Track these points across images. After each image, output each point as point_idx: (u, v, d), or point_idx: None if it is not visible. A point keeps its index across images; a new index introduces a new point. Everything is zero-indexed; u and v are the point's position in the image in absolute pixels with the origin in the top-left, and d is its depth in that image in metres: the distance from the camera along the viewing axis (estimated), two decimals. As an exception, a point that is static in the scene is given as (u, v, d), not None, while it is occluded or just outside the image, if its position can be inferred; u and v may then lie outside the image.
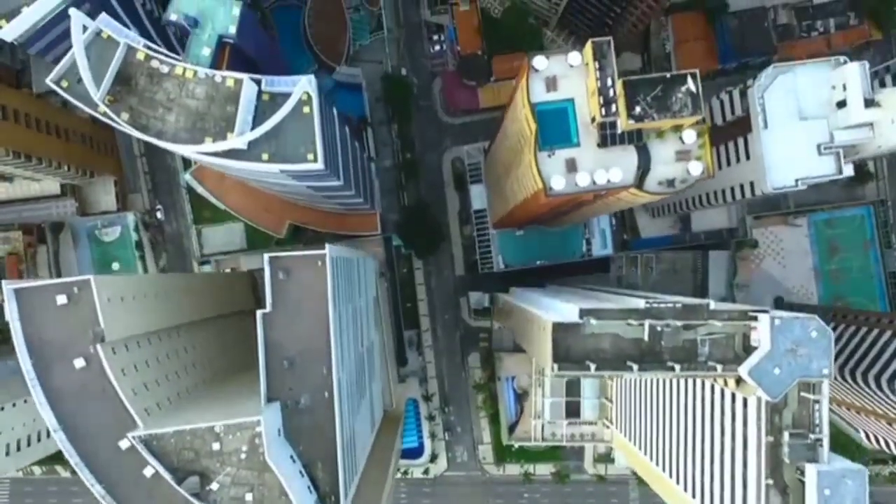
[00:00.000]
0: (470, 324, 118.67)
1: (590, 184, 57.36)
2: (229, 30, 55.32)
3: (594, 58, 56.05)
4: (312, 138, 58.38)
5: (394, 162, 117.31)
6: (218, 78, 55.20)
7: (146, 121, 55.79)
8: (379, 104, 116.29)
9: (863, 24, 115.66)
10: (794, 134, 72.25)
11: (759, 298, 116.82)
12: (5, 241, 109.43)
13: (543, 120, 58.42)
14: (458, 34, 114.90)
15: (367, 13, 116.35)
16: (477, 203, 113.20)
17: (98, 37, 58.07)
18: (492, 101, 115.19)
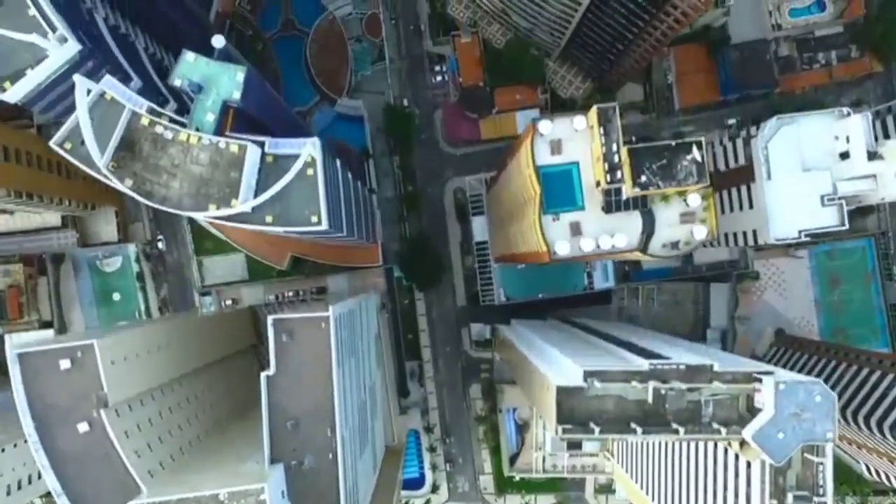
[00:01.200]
0: (471, 355, 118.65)
1: (594, 249, 57.31)
2: (234, 95, 55.12)
3: (599, 123, 55.98)
4: (316, 200, 58.25)
5: (395, 193, 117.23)
6: (222, 144, 55.05)
7: (150, 187, 55.64)
8: (380, 135, 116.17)
9: (864, 56, 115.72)
10: (798, 185, 72.23)
11: (761, 330, 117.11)
12: (6, 274, 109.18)
13: (548, 182, 58.38)
14: (460, 66, 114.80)
15: (369, 44, 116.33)
16: (478, 235, 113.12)
17: (102, 98, 57.89)
18: (493, 132, 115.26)
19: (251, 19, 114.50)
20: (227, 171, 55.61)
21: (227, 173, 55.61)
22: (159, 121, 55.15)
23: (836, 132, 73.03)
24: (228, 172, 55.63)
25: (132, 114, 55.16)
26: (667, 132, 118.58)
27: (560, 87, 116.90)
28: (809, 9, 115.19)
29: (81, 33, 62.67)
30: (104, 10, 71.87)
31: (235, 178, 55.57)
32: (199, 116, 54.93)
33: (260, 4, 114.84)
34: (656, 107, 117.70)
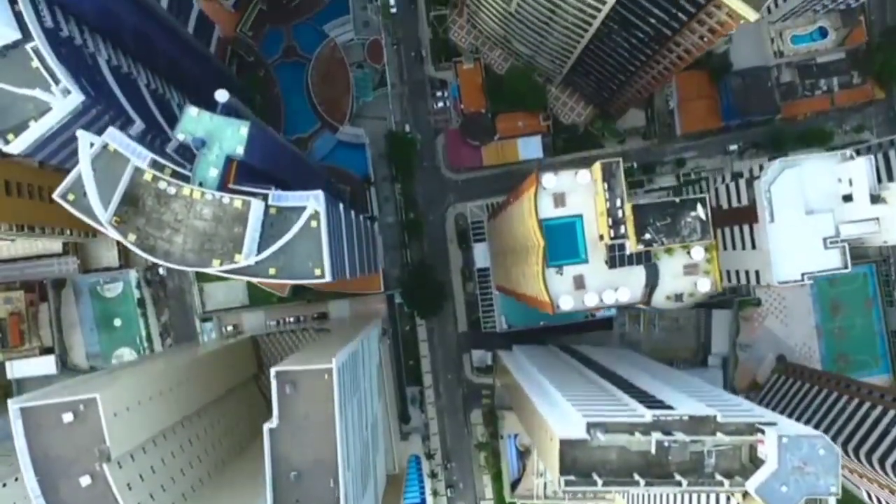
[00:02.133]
0: (472, 381, 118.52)
1: (598, 304, 57.25)
2: (237, 151, 55.01)
3: (603, 178, 55.91)
4: (320, 252, 58.18)
5: (396, 218, 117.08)
6: (226, 200, 54.97)
7: (153, 242, 55.56)
8: (382, 160, 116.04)
9: (866, 83, 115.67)
10: (800, 228, 72.17)
11: (762, 356, 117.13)
12: (7, 301, 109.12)
13: (551, 235, 58.32)
14: (462, 92, 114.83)
15: (371, 70, 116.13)
16: (480, 262, 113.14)
17: (105, 150, 57.89)
18: (495, 159, 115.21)
19: (253, 45, 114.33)
20: (231, 226, 55.51)
21: (230, 228, 55.52)
22: (162, 176, 55.02)
23: (840, 174, 73.04)
24: (232, 227, 55.53)
25: (135, 169, 54.93)
26: (668, 157, 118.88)
27: (562, 112, 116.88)
28: (811, 36, 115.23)
29: (84, 81, 62.55)
30: (106, 51, 71.76)
31: (239, 233, 55.47)
32: (202, 171, 54.83)
33: (261, 30, 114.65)
34: (658, 132, 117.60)
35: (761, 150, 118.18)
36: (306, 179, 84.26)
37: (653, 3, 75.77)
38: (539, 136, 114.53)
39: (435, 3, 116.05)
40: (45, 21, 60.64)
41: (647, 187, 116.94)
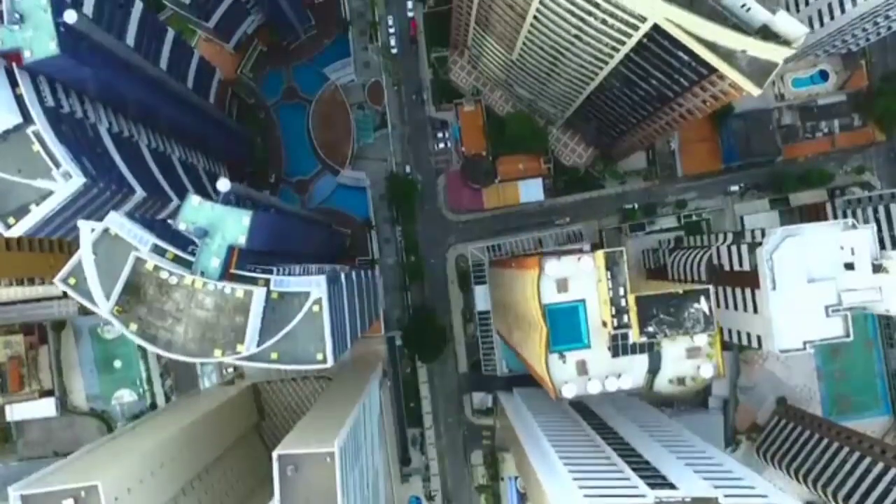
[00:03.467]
0: (473, 422, 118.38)
1: (601, 391, 57.22)
2: (239, 240, 54.86)
3: (606, 266, 55.81)
4: (322, 337, 58.11)
5: (397, 260, 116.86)
6: (227, 290, 54.83)
7: (155, 331, 55.44)
8: (383, 202, 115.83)
9: (866, 125, 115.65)
10: (802, 296, 71.84)
11: (763, 398, 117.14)
12: (7, 346, 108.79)
13: (554, 319, 58.25)
14: (463, 134, 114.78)
15: (372, 112, 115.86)
16: (481, 304, 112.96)
17: (106, 234, 57.75)
18: (496, 202, 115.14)
19: (253, 87, 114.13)
20: (233, 315, 55.37)
21: (232, 318, 55.38)
22: (163, 266, 54.80)
23: (842, 242, 72.79)
24: (234, 317, 55.39)
25: (136, 259, 54.76)
26: (669, 198, 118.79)
27: (563, 154, 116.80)
28: (812, 79, 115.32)
29: (85, 159, 62.39)
30: (107, 119, 71.53)
31: (241, 323, 55.35)
32: (204, 261, 54.66)
33: (262, 72, 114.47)
34: (659, 174, 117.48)
35: (762, 190, 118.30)
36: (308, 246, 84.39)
37: (654, 67, 75.65)
38: (540, 178, 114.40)
39: (436, 44, 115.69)
40: (45, 101, 60.44)
41: (648, 229, 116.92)
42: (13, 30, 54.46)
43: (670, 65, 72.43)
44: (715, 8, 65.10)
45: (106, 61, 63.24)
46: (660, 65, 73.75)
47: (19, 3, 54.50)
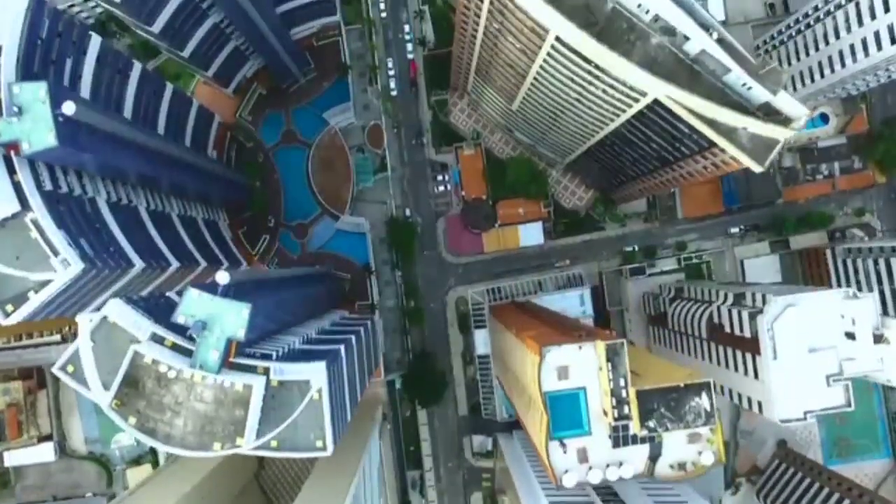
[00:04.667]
0: (473, 464, 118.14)
1: (602, 479, 57.03)
2: (238, 334, 54.50)
3: (606, 357, 55.60)
4: (321, 425, 57.85)
5: (397, 303, 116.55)
6: (227, 384, 54.56)
7: (153, 424, 55.16)
8: (383, 245, 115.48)
9: (867, 168, 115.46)
10: (803, 366, 71.89)
11: (763, 440, 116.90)
12: (5, 393, 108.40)
13: (555, 406, 58.01)
14: (463, 178, 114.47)
15: (371, 155, 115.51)
16: (480, 348, 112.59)
17: (104, 321, 57.50)
18: (496, 246, 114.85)
19: (252, 130, 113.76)
20: (232, 409, 55.10)
21: (231, 411, 55.10)
22: (162, 359, 54.53)
23: (843, 311, 72.80)
24: (233, 410, 55.11)
25: (135, 353, 54.50)
26: (670, 239, 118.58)
27: (563, 196, 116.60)
28: (813, 122, 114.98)
29: (83, 240, 62.08)
30: (105, 189, 71.17)
31: (241, 416, 55.06)
32: (202, 355, 54.30)
33: (261, 115, 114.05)
34: (659, 216, 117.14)
35: (762, 232, 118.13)
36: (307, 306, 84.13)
37: (655, 133, 75.37)
38: (540, 222, 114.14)
39: (436, 87, 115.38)
40: (43, 185, 60.15)
41: (648, 271, 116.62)
42: (11, 122, 54.11)
43: (671, 134, 72.19)
44: (716, 84, 64.87)
45: (104, 143, 62.91)
46: (661, 132, 73.50)
47: (18, 95, 54.21)
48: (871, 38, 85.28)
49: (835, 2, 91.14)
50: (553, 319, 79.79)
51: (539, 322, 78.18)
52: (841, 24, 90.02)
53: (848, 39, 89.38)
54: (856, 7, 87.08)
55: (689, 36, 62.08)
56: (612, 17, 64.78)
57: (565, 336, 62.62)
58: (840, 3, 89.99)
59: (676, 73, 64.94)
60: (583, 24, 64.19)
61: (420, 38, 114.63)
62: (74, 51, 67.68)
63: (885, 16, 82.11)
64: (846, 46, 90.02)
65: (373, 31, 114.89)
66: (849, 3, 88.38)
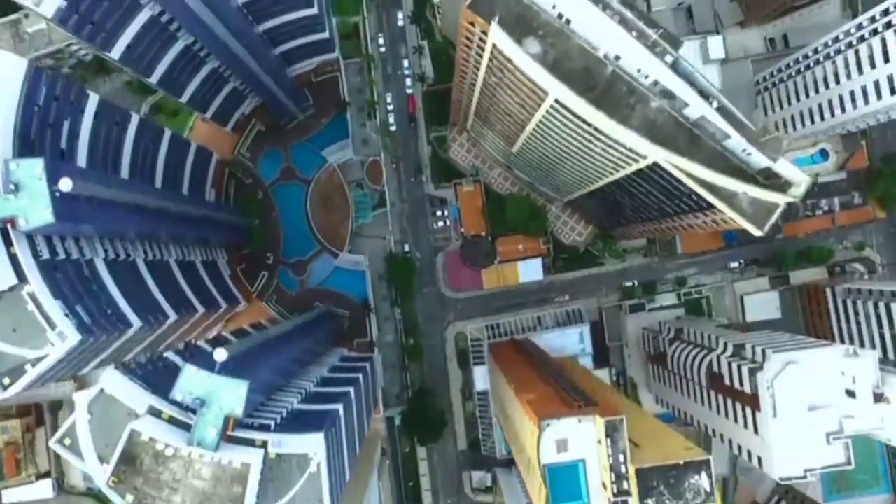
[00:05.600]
0: (472, 499, 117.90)
1: (601, 553, 56.89)
2: (236, 411, 54.36)
3: (606, 433, 55.39)
4: (320, 497, 57.70)
5: (396, 338, 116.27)
6: (224, 461, 54.37)
7: (151, 502, 54.90)
8: (382, 281, 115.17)
9: (866, 203, 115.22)
10: (803, 424, 71.61)
11: (762, 477, 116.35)
12: (3, 431, 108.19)
13: (554, 477, 57.79)
14: (462, 214, 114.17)
15: (370, 191, 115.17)
16: (479, 384, 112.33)
17: (102, 393, 57.37)
18: (495, 282, 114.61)
19: (251, 167, 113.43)
20: (230, 485, 54.90)
21: (229, 488, 54.90)
22: (159, 438, 54.34)
23: (843, 368, 72.53)
24: (231, 487, 54.91)
25: (132, 431, 54.29)
26: (670, 274, 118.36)
27: (562, 232, 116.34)
28: (813, 158, 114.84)
29: (80, 307, 61.71)
30: (103, 249, 70.73)
31: (238, 493, 54.87)
32: (200, 432, 54.13)
33: (260, 152, 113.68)
34: (659, 252, 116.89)
35: (762, 267, 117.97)
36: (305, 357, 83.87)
37: (656, 189, 75.10)
38: (539, 258, 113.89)
39: (435, 123, 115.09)
40: (41, 255, 59.78)
41: (649, 307, 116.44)
42: (8, 199, 53.74)
43: (672, 192, 71.96)
44: (716, 148, 64.64)
45: (103, 210, 62.67)
46: (662, 189, 73.25)
47: (14, 172, 53.84)
48: (870, 87, 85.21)
49: (834, 47, 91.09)
50: (550, 371, 79.43)
51: (537, 376, 77.89)
52: (841, 70, 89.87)
53: (847, 86, 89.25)
54: (855, 55, 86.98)
55: (689, 103, 61.83)
56: (611, 81, 64.51)
57: (565, 404, 62.33)
58: (839, 49, 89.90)
59: (676, 137, 64.76)
60: (582, 87, 64.01)
61: (419, 74, 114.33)
62: (72, 111, 67.46)
63: (885, 66, 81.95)
64: (846, 92, 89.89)
65: (372, 66, 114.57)
66: (848, 49, 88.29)
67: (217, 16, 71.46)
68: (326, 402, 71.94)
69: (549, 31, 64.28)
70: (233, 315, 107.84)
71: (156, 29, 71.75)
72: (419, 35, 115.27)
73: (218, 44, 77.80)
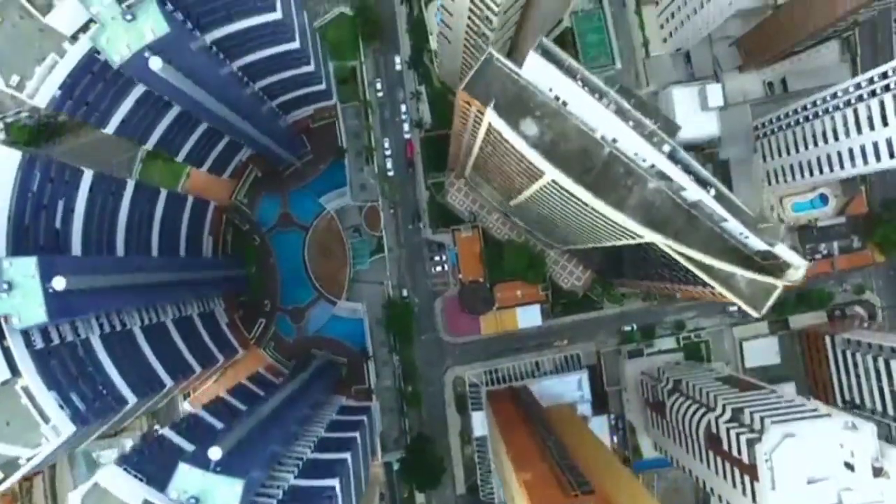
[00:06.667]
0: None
1: None
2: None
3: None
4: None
5: (394, 382, 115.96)
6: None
7: None
8: (380, 326, 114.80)
9: (866, 247, 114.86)
10: (802, 497, 71.31)
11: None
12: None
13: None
14: (460, 261, 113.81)
15: (368, 237, 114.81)
16: (478, 430, 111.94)
17: (96, 487, 57.07)
18: (494, 328, 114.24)
19: (248, 213, 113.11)
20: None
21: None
22: (155, 538, 54.09)
23: (842, 441, 72.16)
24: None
25: (128, 531, 54.08)
26: (668, 317, 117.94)
27: (561, 277, 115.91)
28: (812, 203, 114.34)
29: (75, 394, 61.51)
30: (98, 324, 70.39)
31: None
32: (195, 538, 53.77)
33: (257, 198, 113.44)
34: (657, 295, 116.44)
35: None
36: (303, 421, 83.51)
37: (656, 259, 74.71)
38: (538, 304, 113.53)
39: (433, 169, 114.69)
40: (34, 344, 59.48)
41: (647, 351, 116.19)
42: (1, 297, 53.56)
43: (670, 266, 71.64)
44: (714, 230, 64.30)
45: (97, 298, 62.36)
46: (661, 262, 72.92)
47: (8, 271, 53.56)
48: (869, 148, 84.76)
49: (832, 103, 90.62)
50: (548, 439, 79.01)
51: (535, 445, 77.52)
52: (840, 128, 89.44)
53: (846, 143, 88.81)
54: (854, 113, 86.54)
55: (687, 189, 61.50)
56: (609, 161, 64.15)
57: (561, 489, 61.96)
58: (838, 105, 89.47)
59: (674, 217, 64.45)
60: (579, 168, 63.73)
61: (417, 120, 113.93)
62: (67, 189, 67.24)
63: (884, 129, 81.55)
64: (845, 150, 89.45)
65: (369, 111, 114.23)
66: (846, 107, 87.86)
67: (208, 89, 71.10)
68: (324, 476, 71.55)
69: (546, 111, 63.90)
70: (231, 363, 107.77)
71: (150, 101, 71.37)
72: (417, 80, 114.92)
73: (210, 113, 77.49)
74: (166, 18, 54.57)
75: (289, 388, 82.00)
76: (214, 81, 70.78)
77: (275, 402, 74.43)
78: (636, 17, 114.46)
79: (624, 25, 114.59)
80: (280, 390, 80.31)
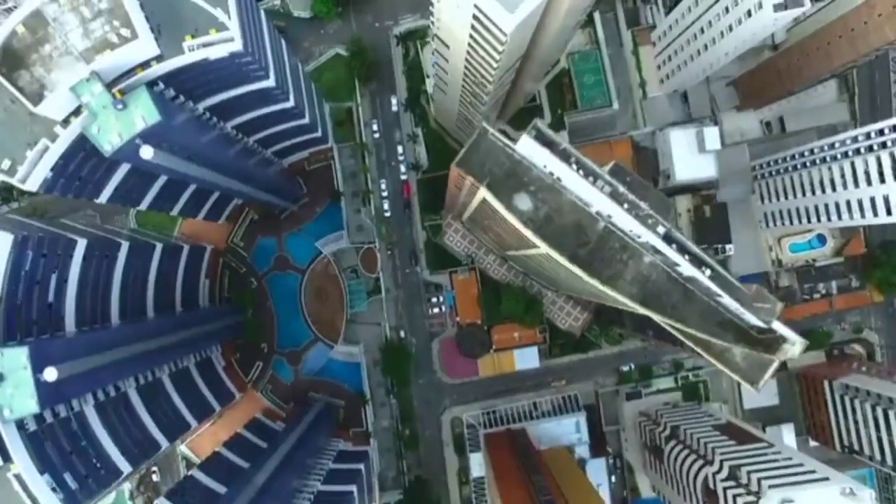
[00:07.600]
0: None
1: None
2: None
3: None
4: None
5: (392, 423, 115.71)
6: None
7: None
8: (377, 368, 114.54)
9: (864, 287, 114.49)
10: (801, 563, 71.17)
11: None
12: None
13: None
14: (457, 303, 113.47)
15: (365, 278, 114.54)
16: (476, 471, 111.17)
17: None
18: (491, 370, 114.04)
19: (245, 256, 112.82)
20: None
21: None
22: None
23: (840, 506, 71.98)
24: None
25: None
26: (667, 356, 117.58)
27: (558, 317, 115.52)
28: (810, 243, 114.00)
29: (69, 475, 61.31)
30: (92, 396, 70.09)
31: None
32: None
33: (254, 240, 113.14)
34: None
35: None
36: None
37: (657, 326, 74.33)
38: (536, 346, 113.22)
39: (429, 211, 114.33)
40: (27, 427, 59.21)
41: (645, 392, 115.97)
42: (-8, 389, 53.38)
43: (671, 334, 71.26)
44: (710, 304, 63.92)
45: (91, 378, 62.13)
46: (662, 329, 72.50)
47: None
48: (867, 203, 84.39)
49: (830, 152, 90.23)
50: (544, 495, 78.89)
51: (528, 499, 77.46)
52: (837, 179, 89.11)
53: (845, 195, 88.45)
54: (852, 166, 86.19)
55: (682, 267, 61.16)
56: (604, 236, 63.73)
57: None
58: (836, 156, 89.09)
59: (670, 291, 64.00)
60: (574, 243, 63.35)
61: (413, 162, 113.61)
62: (60, 262, 66.91)
63: (881, 186, 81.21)
64: (843, 202, 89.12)
65: (366, 153, 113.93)
66: (844, 159, 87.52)
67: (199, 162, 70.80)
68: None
69: (540, 186, 63.54)
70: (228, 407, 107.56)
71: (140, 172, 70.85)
72: (413, 121, 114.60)
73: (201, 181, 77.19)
74: (157, 106, 54.23)
75: (288, 443, 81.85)
76: (206, 151, 70.47)
77: (274, 462, 74.30)
78: (633, 57, 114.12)
79: (621, 66, 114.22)
80: (279, 445, 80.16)
